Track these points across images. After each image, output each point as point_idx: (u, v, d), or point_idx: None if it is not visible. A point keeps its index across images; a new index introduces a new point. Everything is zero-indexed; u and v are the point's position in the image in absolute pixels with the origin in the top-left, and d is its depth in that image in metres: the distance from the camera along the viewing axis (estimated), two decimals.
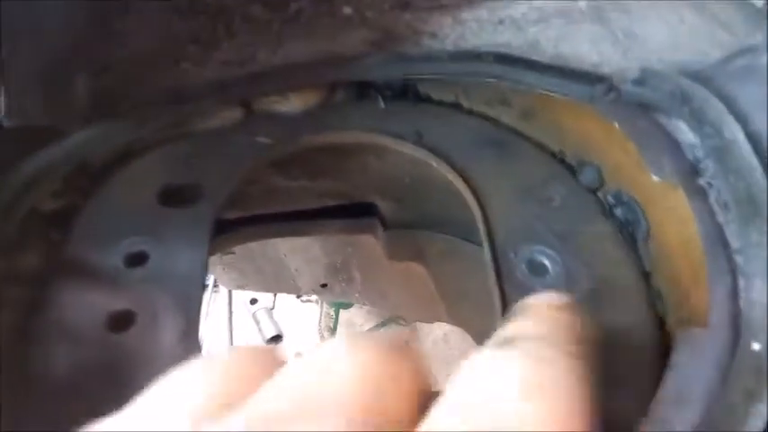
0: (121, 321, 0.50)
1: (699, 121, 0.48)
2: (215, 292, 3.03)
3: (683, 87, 0.49)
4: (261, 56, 0.63)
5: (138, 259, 0.53)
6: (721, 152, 0.46)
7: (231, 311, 3.08)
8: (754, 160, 0.44)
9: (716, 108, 0.47)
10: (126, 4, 0.67)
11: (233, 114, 0.63)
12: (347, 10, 0.65)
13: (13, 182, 0.52)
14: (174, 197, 0.59)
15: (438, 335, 2.83)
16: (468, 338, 1.39)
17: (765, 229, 0.42)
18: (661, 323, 0.51)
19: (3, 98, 0.37)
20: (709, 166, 0.48)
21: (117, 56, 0.64)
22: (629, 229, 0.55)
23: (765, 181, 0.43)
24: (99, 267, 0.53)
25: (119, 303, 0.51)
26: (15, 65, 0.38)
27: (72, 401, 0.47)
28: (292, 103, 0.64)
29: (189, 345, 0.49)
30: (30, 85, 0.42)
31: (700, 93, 0.48)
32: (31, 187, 0.53)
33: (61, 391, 0.48)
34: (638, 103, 0.52)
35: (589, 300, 0.50)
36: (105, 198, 0.58)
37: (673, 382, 0.41)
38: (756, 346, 0.39)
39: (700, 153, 0.49)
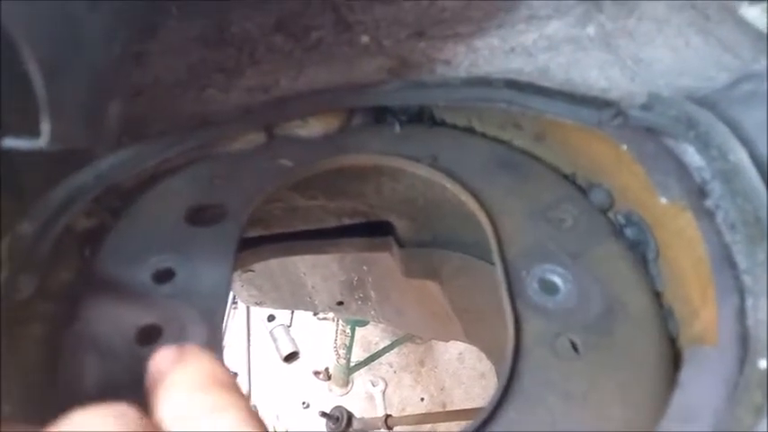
0: (149, 335, 0.52)
1: (705, 144, 0.49)
2: (234, 308, 3.06)
3: (688, 112, 0.50)
4: (283, 82, 0.66)
5: (165, 276, 0.56)
6: (727, 175, 0.47)
7: (249, 328, 3.10)
8: (759, 183, 0.45)
9: (721, 132, 0.48)
10: (155, 32, 0.71)
11: (256, 138, 0.66)
12: (365, 38, 0.68)
13: (49, 202, 0.55)
14: (199, 216, 0.61)
15: (453, 353, 2.82)
16: (484, 357, 1.39)
17: None
18: (672, 341, 0.52)
19: (48, 125, 0.40)
20: (715, 188, 0.49)
21: (148, 82, 0.68)
22: (640, 249, 0.56)
23: None
24: (128, 283, 0.56)
25: (147, 318, 0.53)
26: (61, 95, 0.41)
27: None
28: (312, 128, 0.66)
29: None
30: (73, 111, 0.45)
31: (705, 117, 0.49)
32: (66, 207, 0.56)
33: (91, 403, 0.50)
34: (645, 127, 0.53)
35: (602, 317, 0.52)
36: (134, 217, 0.61)
37: (681, 399, 0.42)
38: (763, 364, 0.40)
39: (707, 175, 0.50)
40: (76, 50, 0.43)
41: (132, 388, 0.51)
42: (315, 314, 2.89)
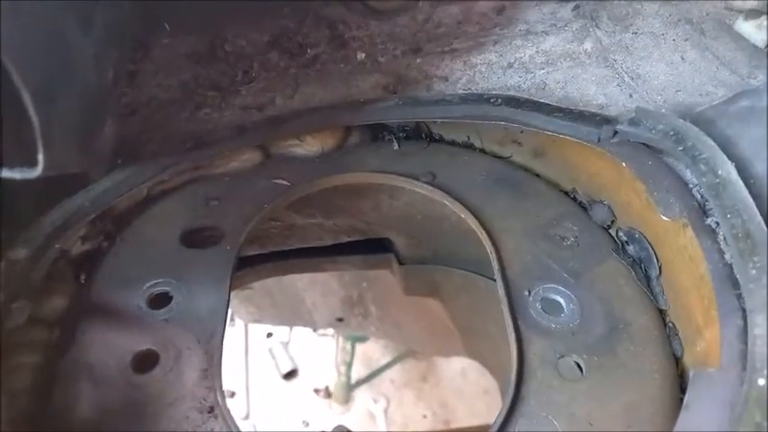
0: (145, 362, 0.51)
1: (693, 158, 0.48)
2: (231, 325, 3.04)
3: (675, 127, 0.50)
4: (278, 100, 0.66)
5: (161, 300, 0.55)
6: (716, 189, 0.47)
7: (247, 345, 3.07)
8: (748, 197, 0.45)
9: (708, 147, 0.48)
10: (148, 51, 0.71)
11: (252, 157, 0.66)
12: (361, 55, 0.68)
13: (43, 227, 0.54)
14: (195, 239, 0.60)
15: (456, 369, 2.79)
16: (487, 373, 1.37)
17: (764, 264, 0.42)
18: (676, 360, 0.51)
19: (43, 153, 0.39)
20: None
21: (142, 101, 0.68)
22: (642, 267, 0.56)
23: (762, 217, 0.44)
24: (123, 309, 0.55)
25: (143, 344, 0.52)
26: (54, 121, 0.41)
27: None
28: (309, 146, 0.66)
29: (210, 383, 0.50)
30: (66, 137, 0.44)
31: (692, 132, 0.49)
32: (61, 232, 0.55)
33: (84, 430, 0.49)
34: (640, 143, 0.53)
35: (606, 338, 0.51)
36: (129, 241, 0.61)
37: (686, 422, 0.41)
38: (762, 382, 0.39)
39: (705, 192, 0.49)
40: (68, 75, 0.42)
41: (127, 415, 0.50)
42: (314, 330, 2.87)
